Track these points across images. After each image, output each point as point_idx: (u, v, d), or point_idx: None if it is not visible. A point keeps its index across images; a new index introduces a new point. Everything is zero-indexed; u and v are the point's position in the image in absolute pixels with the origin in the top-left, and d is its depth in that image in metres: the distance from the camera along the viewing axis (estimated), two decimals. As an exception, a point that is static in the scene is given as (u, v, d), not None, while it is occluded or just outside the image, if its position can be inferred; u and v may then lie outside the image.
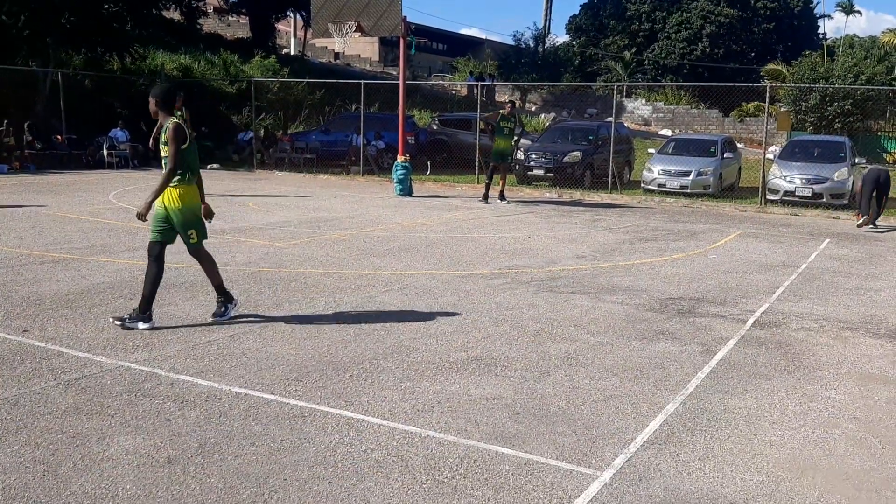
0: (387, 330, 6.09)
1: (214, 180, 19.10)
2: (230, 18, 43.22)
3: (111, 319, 5.98)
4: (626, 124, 28.74)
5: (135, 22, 23.01)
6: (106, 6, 21.65)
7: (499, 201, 15.88)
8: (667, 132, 35.18)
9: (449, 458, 3.83)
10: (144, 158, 22.48)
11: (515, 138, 16.27)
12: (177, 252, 8.99)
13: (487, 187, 16.09)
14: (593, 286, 7.96)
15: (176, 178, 5.91)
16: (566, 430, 4.21)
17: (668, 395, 4.84)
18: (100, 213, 12.30)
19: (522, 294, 7.50)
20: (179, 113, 6.33)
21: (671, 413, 4.54)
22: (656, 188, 17.81)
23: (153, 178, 18.92)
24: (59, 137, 21.52)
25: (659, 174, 17.87)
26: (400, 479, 3.59)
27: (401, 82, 17.07)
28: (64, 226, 10.83)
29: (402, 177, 16.83)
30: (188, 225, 6.01)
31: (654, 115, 39.63)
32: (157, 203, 5.97)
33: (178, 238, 6.11)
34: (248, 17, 40.45)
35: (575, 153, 19.27)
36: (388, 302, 7.01)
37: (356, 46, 45.96)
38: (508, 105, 16.42)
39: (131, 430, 4.06)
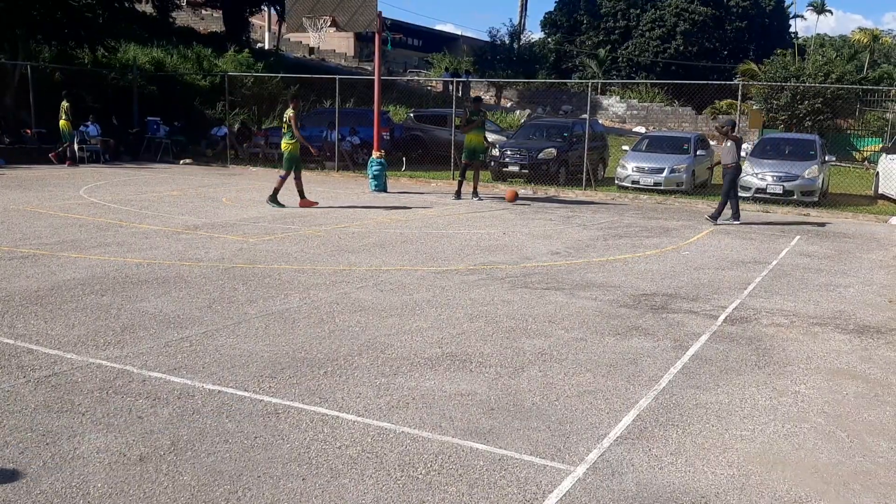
0: (361, 326, 6.08)
1: (187, 175, 18.94)
2: (204, 12, 42.82)
3: None
4: (600, 121, 28.90)
5: (106, 14, 22.70)
6: (76, -2, 21.33)
7: (471, 198, 15.84)
8: (641, 129, 35.44)
9: (423, 454, 3.84)
10: (116, 153, 22.25)
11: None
12: (149, 248, 8.93)
13: (460, 184, 16.05)
14: (567, 282, 8.01)
15: None
16: (540, 426, 4.23)
17: (640, 390, 4.88)
18: (70, 208, 12.13)
19: (497, 290, 7.52)
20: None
21: (644, 408, 4.58)
22: (630, 185, 17.93)
23: (125, 172, 18.72)
24: (28, 131, 21.19)
25: (633, 171, 17.99)
26: (374, 476, 3.59)
27: (376, 78, 17.02)
28: (33, 221, 10.68)
29: (377, 173, 16.79)
30: None
31: (629, 113, 39.90)
32: None
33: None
34: (221, 11, 40.06)
35: (550, 150, 19.32)
36: (362, 298, 7.00)
37: (331, 41, 45.78)
38: (473, 101, 16.45)
39: (102, 427, 4.02)
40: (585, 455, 3.90)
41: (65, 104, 20.27)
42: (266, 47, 42.72)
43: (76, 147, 21.02)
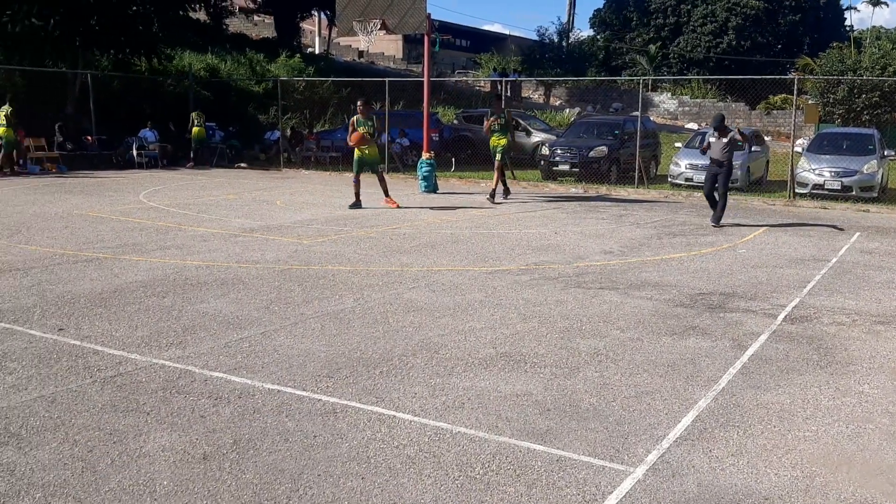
0: (415, 327, 6.11)
1: (242, 179, 19.28)
2: (256, 18, 43.54)
3: None
4: (652, 118, 28.56)
5: (161, 23, 23.23)
6: (133, 7, 21.88)
7: (486, 197, 15.12)
8: (693, 126, 34.91)
9: (481, 454, 3.85)
10: (173, 158, 22.76)
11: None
12: (207, 251, 9.12)
13: (504, 183, 15.66)
14: (622, 282, 7.93)
15: None
16: (597, 427, 4.21)
17: (699, 390, 4.82)
18: (131, 212, 12.46)
19: (550, 290, 7.49)
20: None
21: (703, 409, 4.52)
22: (683, 182, 17.68)
23: (182, 177, 19.14)
24: (89, 138, 21.81)
25: (686, 168, 17.74)
26: (432, 476, 3.61)
27: (425, 79, 17.09)
28: (96, 225, 10.99)
29: (426, 174, 16.86)
30: None
31: (681, 109, 39.33)
32: None
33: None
34: (273, 17, 40.69)
35: (601, 148, 19.17)
36: (415, 299, 7.04)
37: (380, 44, 46.08)
38: (494, 100, 15.96)
39: (167, 426, 4.12)
40: (645, 456, 3.86)
41: (194, 114, 22.56)
42: (316, 52, 43.24)
43: (135, 153, 21.59)
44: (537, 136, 23.28)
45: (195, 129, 22.43)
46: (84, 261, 8.41)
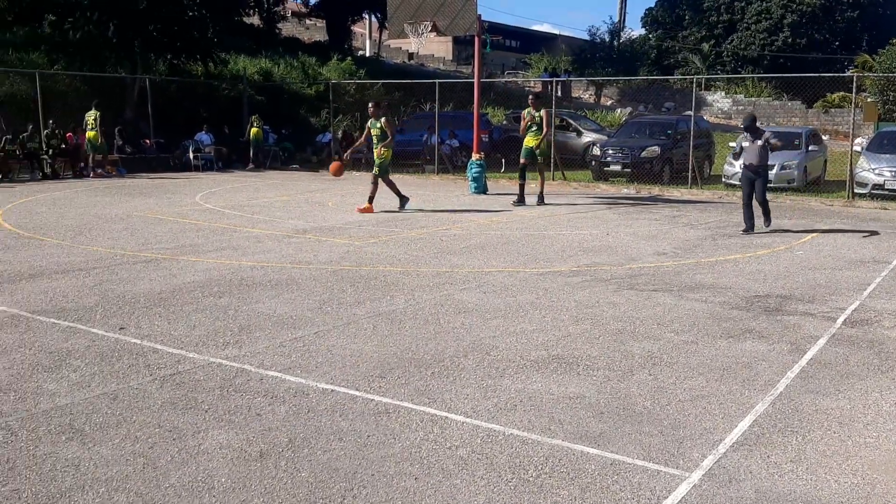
0: (466, 328, 6.12)
1: (295, 181, 19.54)
2: (308, 22, 44.08)
3: None
4: (705, 118, 28.09)
5: (216, 28, 23.70)
6: (189, 13, 22.35)
7: (535, 203, 14.61)
8: (748, 125, 34.16)
9: (534, 456, 3.84)
10: (228, 161, 23.18)
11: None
12: (262, 252, 9.27)
13: (521, 188, 14.78)
14: (676, 284, 7.83)
15: None
16: (652, 431, 4.16)
17: (756, 395, 4.73)
18: (188, 214, 12.73)
19: (602, 292, 7.44)
20: None
21: (760, 413, 4.43)
22: (738, 183, 17.31)
23: (236, 179, 19.48)
24: (147, 141, 22.35)
25: (741, 168, 17.39)
26: (485, 477, 3.61)
27: (475, 80, 17.11)
28: (154, 226, 11.26)
29: (476, 175, 16.87)
30: None
31: (735, 108, 38.61)
32: None
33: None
34: (325, 21, 41.15)
35: (653, 148, 18.94)
36: (466, 300, 7.05)
37: (430, 46, 46.26)
38: (533, 98, 14.91)
39: (224, 424, 4.20)
40: (700, 461, 3.81)
41: (253, 117, 23.18)
42: (367, 54, 43.60)
43: (191, 156, 22.07)
44: (588, 137, 23.10)
45: (253, 130, 22.84)
46: (143, 261, 8.62)
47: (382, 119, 13.22)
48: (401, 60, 46.12)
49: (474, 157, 17.05)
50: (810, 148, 18.02)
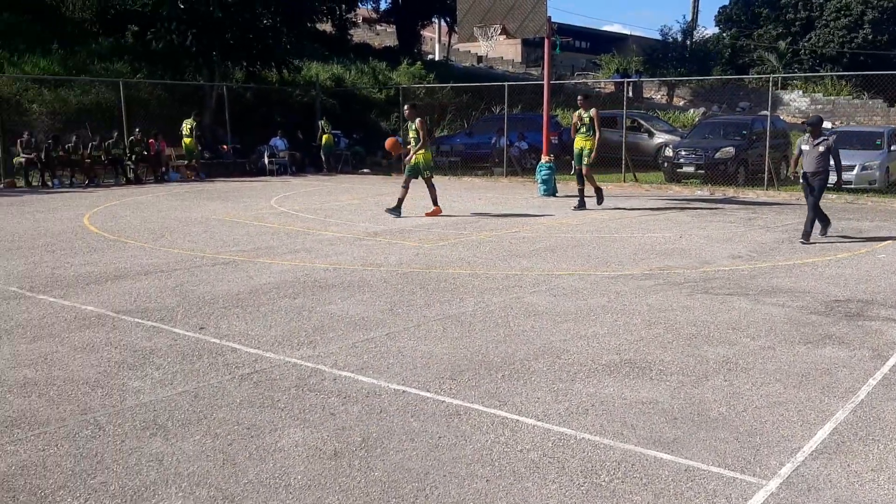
0: (536, 331, 6.12)
1: (366, 184, 19.81)
2: (378, 27, 44.61)
3: None
4: (782, 117, 27.33)
5: (290, 36, 24.22)
6: (264, 21, 22.91)
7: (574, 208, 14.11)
8: (827, 125, 33.09)
9: (606, 461, 3.81)
10: (301, 165, 23.66)
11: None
12: (334, 254, 9.43)
13: (581, 192, 14.29)
14: (752, 287, 7.65)
15: None
16: (728, 437, 4.09)
17: (836, 402, 4.59)
18: (263, 217, 13.05)
19: (675, 295, 7.32)
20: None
21: (841, 421, 4.30)
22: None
23: (309, 183, 19.87)
24: (224, 147, 22.99)
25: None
26: (557, 481, 3.61)
27: (545, 82, 17.05)
28: (232, 229, 11.58)
29: (546, 177, 16.79)
30: None
31: (813, 107, 37.38)
32: None
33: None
34: (395, 26, 41.59)
35: (727, 149, 18.52)
36: (536, 303, 7.04)
37: (498, 48, 46.21)
38: (580, 99, 14.52)
39: (299, 423, 4.30)
40: (778, 469, 3.72)
41: (322, 122, 23.67)
42: (436, 58, 43.85)
43: (266, 161, 22.62)
44: (660, 138, 22.75)
45: (324, 137, 23.29)
46: (222, 263, 8.88)
47: (417, 121, 13.02)
48: (470, 63, 46.24)
49: (544, 159, 16.98)
50: (892, 148, 17.34)
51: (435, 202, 13.25)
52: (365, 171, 23.65)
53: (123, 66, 23.80)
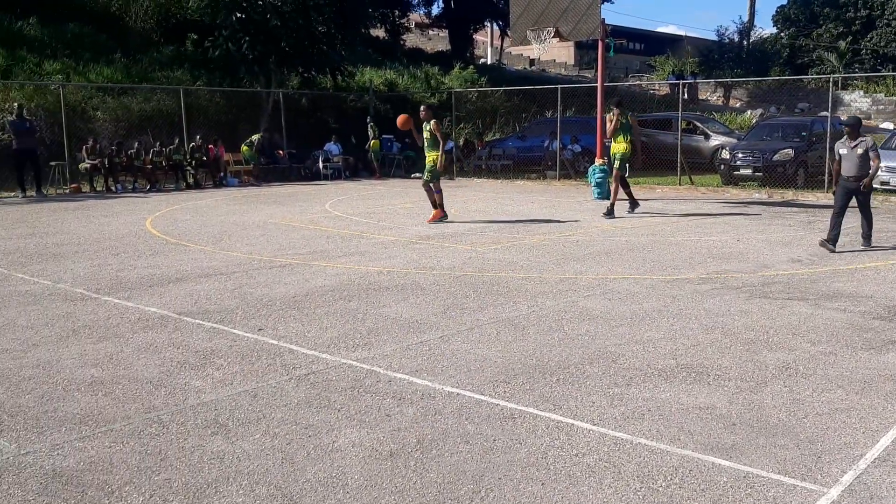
0: (591, 335, 6.09)
1: (418, 189, 19.87)
2: (430, 32, 44.85)
3: None
4: (843, 118, 26.64)
5: (344, 42, 24.54)
6: (319, 28, 23.24)
7: (604, 215, 13.46)
8: (889, 125, 32.18)
9: (663, 466, 3.78)
10: (354, 170, 23.91)
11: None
12: (387, 257, 9.52)
13: (629, 195, 13.81)
14: (812, 292, 7.49)
15: None
16: (788, 444, 4.02)
17: (902, 410, 4.47)
18: (318, 221, 13.23)
19: (733, 300, 7.21)
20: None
21: (907, 430, 4.19)
22: (879, 186, 16.34)
23: (363, 188, 20.07)
24: (280, 152, 23.37)
25: (884, 171, 16.40)
26: (613, 486, 3.59)
27: (599, 85, 16.93)
28: (288, 233, 11.78)
29: (599, 180, 16.66)
30: None
31: (875, 108, 36.38)
32: None
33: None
34: (447, 30, 41.76)
35: (786, 151, 18.15)
36: (590, 307, 7.00)
37: (551, 52, 46.01)
38: (615, 102, 13.99)
39: (356, 423, 4.36)
40: (840, 476, 3.65)
41: (372, 126, 23.74)
42: (488, 62, 43.90)
43: (321, 165, 22.93)
44: (716, 140, 22.41)
45: (373, 142, 23.52)
46: (278, 266, 9.04)
47: (432, 122, 12.85)
48: (522, 67, 46.15)
49: (597, 162, 16.86)
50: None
51: (436, 206, 12.92)
52: (417, 175, 23.75)
53: (183, 74, 24.39)
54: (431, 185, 12.99)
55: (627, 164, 13.95)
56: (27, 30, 23.85)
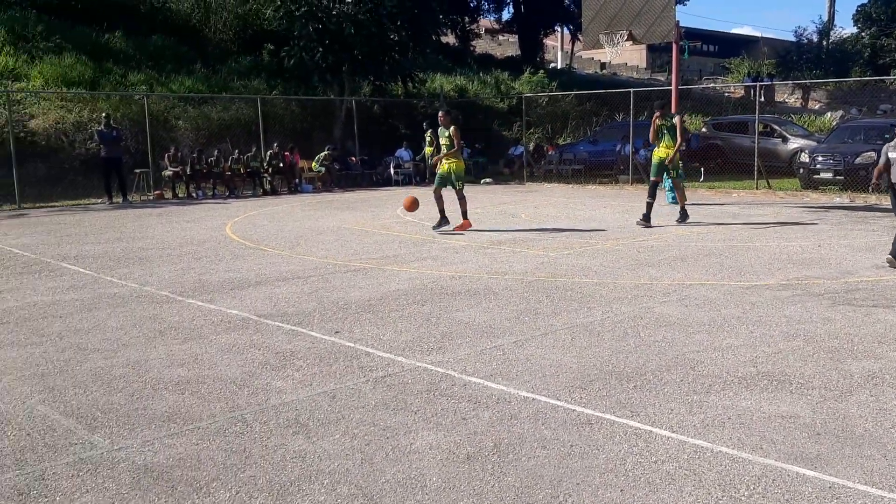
0: (668, 342, 6.01)
1: (488, 194, 19.95)
2: (500, 38, 44.90)
3: None
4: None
5: (416, 49, 24.79)
6: (391, 36, 23.55)
7: (678, 221, 13.13)
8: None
9: (745, 475, 3.72)
10: (424, 175, 24.09)
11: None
12: (459, 262, 9.58)
13: (648, 207, 13.04)
14: (899, 300, 7.23)
15: None
16: (874, 454, 3.90)
17: None
18: (390, 226, 13.40)
19: (815, 307, 7.01)
20: None
21: None
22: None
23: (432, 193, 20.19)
24: (353, 159, 23.76)
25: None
26: (693, 494, 3.55)
27: (673, 88, 16.69)
28: (361, 238, 11.97)
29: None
30: None
31: (966, 107, 34.78)
32: None
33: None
34: (517, 35, 41.75)
35: (868, 153, 17.49)
36: (666, 313, 6.91)
37: (623, 55, 45.52)
38: (658, 105, 13.49)
39: (432, 426, 4.41)
40: (933, 491, 3.52)
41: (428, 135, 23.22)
42: (558, 66, 43.68)
43: (392, 171, 23.20)
44: (795, 143, 21.80)
45: (427, 149, 23.37)
46: (353, 270, 9.19)
47: (452, 128, 12.57)
48: (593, 70, 45.78)
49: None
50: None
51: (465, 215, 12.69)
52: (487, 180, 23.81)
53: (260, 83, 25.05)
54: (460, 191, 12.66)
55: (670, 168, 13.28)
56: (113, 43, 24.87)
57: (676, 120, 13.05)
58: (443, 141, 12.81)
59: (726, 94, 39.46)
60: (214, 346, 6.08)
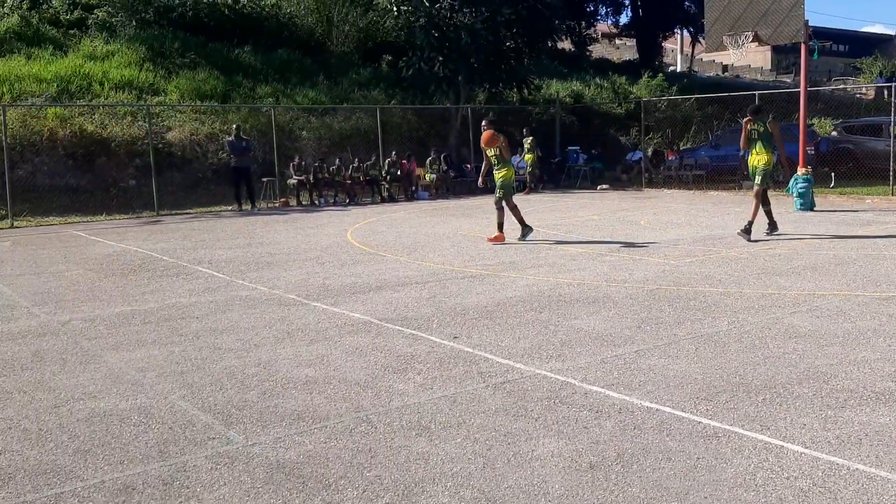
0: (798, 354, 5.77)
1: (605, 200, 19.69)
2: (618, 42, 44.27)
3: None
4: None
5: (531, 56, 24.78)
6: (507, 44, 23.64)
7: (767, 232, 12.19)
8: None
9: (884, 495, 3.53)
10: (540, 181, 24.01)
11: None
12: (577, 269, 9.51)
13: (768, 214, 12.23)
14: None
15: None
16: None
17: None
18: (505, 232, 13.40)
19: (963, 321, 6.56)
20: None
21: None
22: None
23: (550, 199, 20.09)
24: (468, 166, 23.96)
25: None
26: (829, 512, 3.41)
27: (801, 90, 15.99)
28: (477, 244, 12.06)
29: (802, 190, 15.73)
30: None
31: None
32: None
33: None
34: (635, 39, 41.04)
35: None
36: (796, 324, 6.63)
37: (745, 56, 44.01)
38: (751, 107, 12.46)
39: (553, 433, 4.41)
40: None
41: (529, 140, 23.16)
42: (678, 69, 42.62)
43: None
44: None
45: (526, 156, 23.03)
46: (469, 276, 9.28)
47: (500, 138, 12.24)
48: (714, 73, 44.43)
49: (800, 171, 15.92)
50: None
51: (500, 227, 12.25)
52: (604, 186, 23.49)
53: (379, 94, 25.68)
54: (505, 202, 12.28)
55: (771, 178, 12.33)
56: (242, 58, 26.10)
57: (774, 126, 12.05)
58: (491, 152, 12.38)
59: (857, 96, 37.43)
60: (339, 348, 6.29)
